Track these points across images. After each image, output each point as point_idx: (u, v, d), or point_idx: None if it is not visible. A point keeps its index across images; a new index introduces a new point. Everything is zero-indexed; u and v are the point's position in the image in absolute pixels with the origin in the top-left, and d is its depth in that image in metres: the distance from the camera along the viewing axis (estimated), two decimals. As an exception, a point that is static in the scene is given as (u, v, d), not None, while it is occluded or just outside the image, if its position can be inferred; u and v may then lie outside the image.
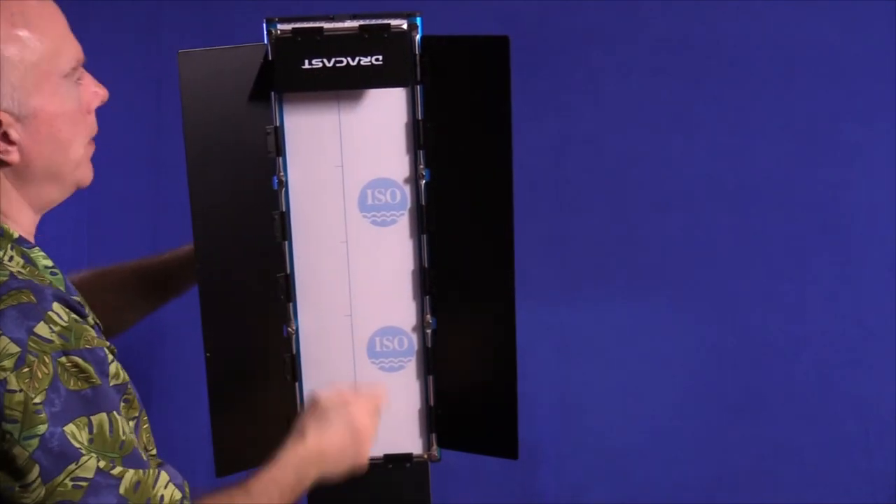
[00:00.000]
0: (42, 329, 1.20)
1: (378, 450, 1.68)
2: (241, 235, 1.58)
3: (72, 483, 1.19)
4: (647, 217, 2.63)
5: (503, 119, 1.51)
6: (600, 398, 2.66)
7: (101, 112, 1.42)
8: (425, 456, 1.69)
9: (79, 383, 1.21)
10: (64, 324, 1.22)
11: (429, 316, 1.64)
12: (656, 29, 2.60)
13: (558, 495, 2.68)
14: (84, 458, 1.20)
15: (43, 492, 1.19)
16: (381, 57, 1.52)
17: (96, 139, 1.40)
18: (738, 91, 2.61)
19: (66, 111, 1.31)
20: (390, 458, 1.68)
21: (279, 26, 1.53)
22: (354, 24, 1.53)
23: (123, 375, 1.30)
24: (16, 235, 1.30)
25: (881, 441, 2.62)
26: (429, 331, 1.64)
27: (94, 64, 1.51)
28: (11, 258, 1.27)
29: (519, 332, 1.60)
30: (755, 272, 2.63)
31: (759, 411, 2.64)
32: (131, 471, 1.24)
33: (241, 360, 1.61)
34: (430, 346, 1.65)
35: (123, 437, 1.24)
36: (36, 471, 1.18)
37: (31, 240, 1.35)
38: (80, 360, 1.22)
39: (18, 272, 1.25)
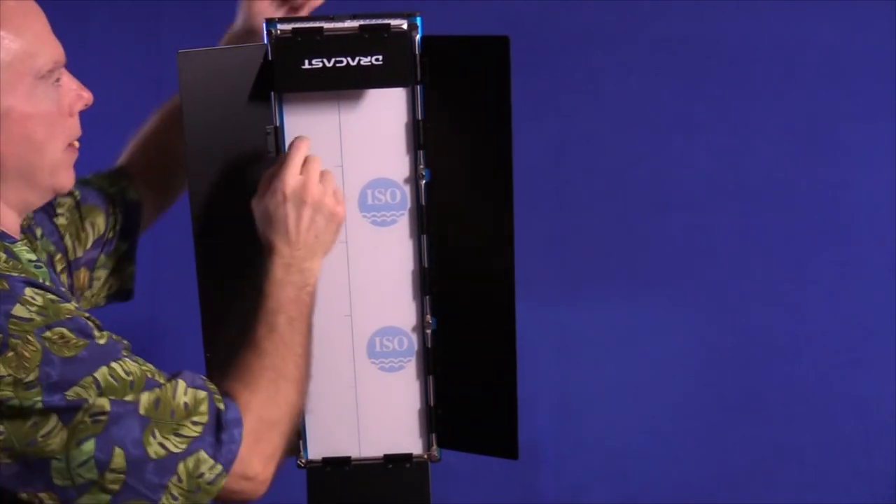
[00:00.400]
0: (20, 310, 1.20)
1: (378, 450, 1.68)
2: (242, 235, 1.57)
3: (91, 419, 1.21)
4: (647, 217, 2.64)
5: (503, 119, 1.51)
6: (600, 398, 2.67)
7: (101, 112, 1.41)
8: (425, 456, 1.69)
9: (70, 350, 1.21)
10: (40, 303, 1.22)
11: (429, 316, 1.64)
12: (656, 29, 2.60)
13: (558, 495, 2.68)
14: (93, 399, 1.21)
15: (66, 434, 1.20)
16: (381, 57, 1.52)
17: (99, 136, 1.39)
18: (738, 91, 2.61)
19: (40, 112, 1.29)
20: (390, 459, 1.68)
21: (279, 26, 1.53)
22: (354, 24, 1.53)
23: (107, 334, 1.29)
24: None
25: (881, 441, 2.62)
26: (429, 331, 1.64)
27: (95, 64, 1.52)
28: None
29: (519, 332, 1.60)
30: (755, 272, 2.63)
31: (759, 411, 2.65)
32: (146, 392, 1.24)
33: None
34: (430, 346, 1.65)
35: (131, 378, 1.24)
36: (54, 418, 1.20)
37: (17, 236, 1.34)
38: (64, 330, 1.22)
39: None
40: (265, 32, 1.54)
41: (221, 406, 1.30)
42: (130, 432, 1.23)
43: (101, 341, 1.25)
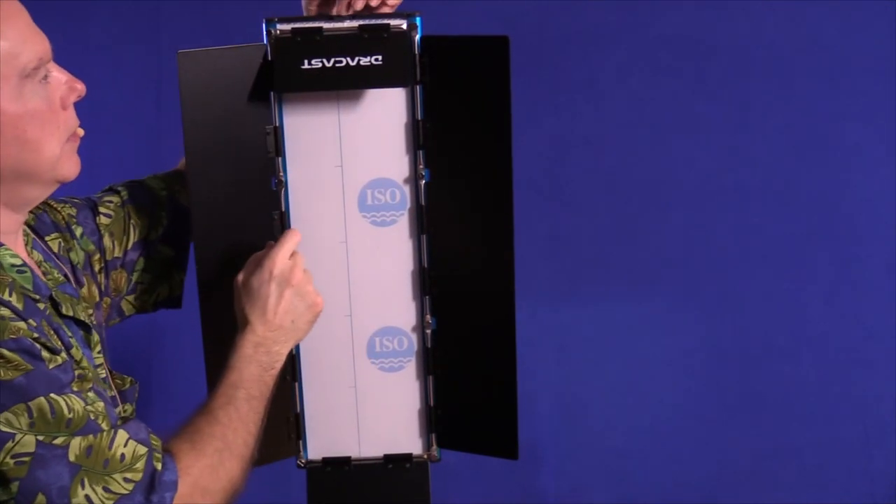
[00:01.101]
0: None
1: (378, 450, 1.68)
2: (241, 235, 1.57)
3: (13, 461, 1.17)
4: (647, 217, 2.64)
5: (503, 119, 1.51)
6: (600, 398, 2.67)
7: (101, 112, 1.41)
8: (425, 456, 1.69)
9: (9, 373, 1.18)
10: None
11: (429, 316, 1.64)
12: (656, 29, 2.60)
13: (558, 495, 2.68)
14: (20, 436, 1.17)
15: None
16: (380, 57, 1.52)
17: (99, 136, 1.38)
18: (738, 91, 2.61)
19: (30, 111, 1.27)
20: (390, 459, 1.68)
21: (279, 26, 1.53)
22: (354, 23, 1.53)
23: (67, 358, 1.26)
24: None
25: (881, 441, 2.62)
26: (428, 331, 1.64)
27: (95, 64, 1.52)
28: None
29: (519, 332, 1.60)
30: (755, 272, 2.63)
31: (759, 411, 2.65)
32: (78, 437, 1.20)
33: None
34: (429, 346, 1.65)
35: (70, 415, 1.21)
36: None
37: (12, 238, 1.33)
38: (5, 352, 1.19)
39: None
40: (264, 32, 1.53)
41: (159, 466, 1.27)
42: (58, 479, 1.19)
43: (50, 366, 1.21)
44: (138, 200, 1.59)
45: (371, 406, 1.66)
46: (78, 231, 1.49)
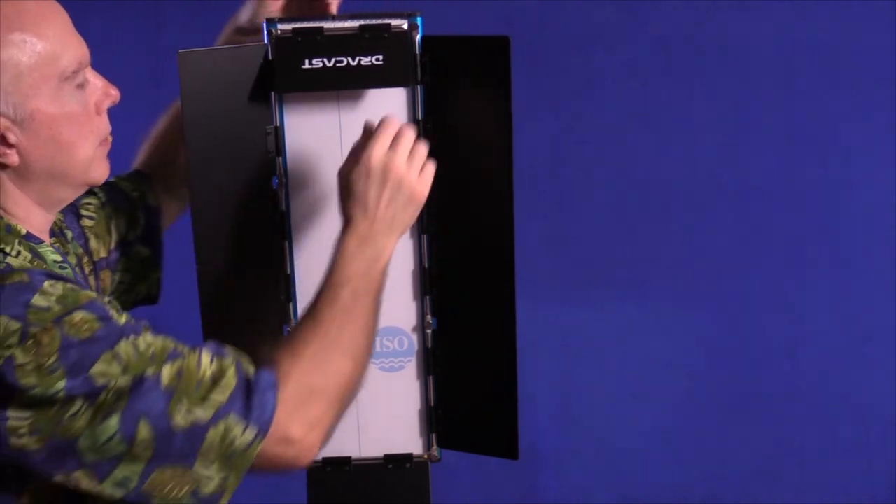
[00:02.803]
0: (38, 300, 1.21)
1: (378, 450, 1.68)
2: (242, 235, 1.57)
3: (113, 396, 1.22)
4: (648, 217, 2.64)
5: (504, 119, 1.51)
6: (601, 398, 2.67)
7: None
8: (425, 456, 1.68)
9: (88, 332, 1.22)
10: (59, 293, 1.23)
11: (429, 316, 1.64)
12: (656, 29, 2.61)
13: (558, 495, 2.68)
14: (114, 380, 1.22)
15: (91, 413, 1.21)
16: (381, 57, 1.51)
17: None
18: (737, 91, 2.61)
19: (66, 113, 1.30)
20: (390, 459, 1.67)
21: (279, 26, 1.53)
22: (355, 23, 1.53)
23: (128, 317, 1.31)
24: (23, 232, 1.31)
25: (881, 442, 2.62)
26: (429, 331, 1.64)
27: (94, 63, 1.51)
28: (19, 253, 1.28)
29: (519, 332, 1.60)
30: (755, 272, 2.63)
31: (759, 411, 2.65)
32: (168, 364, 1.25)
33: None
34: (430, 346, 1.65)
35: (152, 349, 1.25)
36: (80, 400, 1.21)
37: (45, 237, 1.36)
38: (83, 314, 1.22)
39: (21, 265, 1.26)
40: (265, 32, 1.53)
41: (250, 370, 1.30)
42: (155, 405, 1.23)
43: (121, 321, 1.25)
44: (115, 201, 1.61)
45: (371, 406, 1.66)
46: (69, 234, 1.51)
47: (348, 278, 1.40)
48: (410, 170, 1.44)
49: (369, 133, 1.45)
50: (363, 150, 1.43)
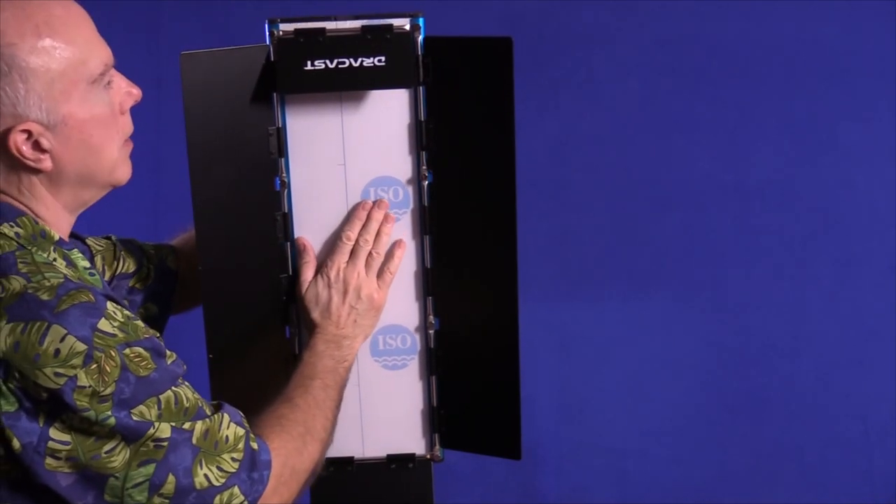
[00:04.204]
0: (105, 325, 1.23)
1: (381, 450, 1.68)
2: (244, 236, 1.57)
3: (154, 443, 1.25)
4: (648, 217, 2.64)
5: (506, 120, 1.51)
6: (601, 398, 2.67)
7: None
8: (428, 456, 1.69)
9: (145, 370, 1.25)
10: (121, 319, 1.25)
11: (431, 316, 1.64)
12: (656, 29, 2.61)
13: (559, 495, 2.68)
14: (157, 424, 1.26)
15: (128, 453, 1.24)
16: (383, 58, 1.51)
17: None
18: (737, 91, 2.61)
19: (95, 116, 1.31)
20: (393, 459, 1.68)
21: (281, 27, 1.52)
22: (357, 24, 1.53)
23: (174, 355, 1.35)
24: (56, 238, 1.32)
25: (881, 441, 2.63)
26: (431, 331, 1.64)
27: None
28: (55, 260, 1.29)
29: (520, 332, 1.60)
30: (755, 272, 2.63)
31: (759, 411, 2.65)
32: (199, 422, 1.29)
33: (245, 361, 1.61)
34: (432, 346, 1.65)
35: (187, 405, 1.29)
36: (118, 436, 1.23)
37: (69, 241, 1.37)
38: (141, 350, 1.25)
39: (67, 273, 1.27)
40: (267, 33, 1.53)
41: (255, 446, 1.35)
42: (183, 460, 1.27)
43: (169, 362, 1.29)
44: (127, 245, 1.65)
45: (375, 405, 1.66)
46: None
47: (318, 373, 1.52)
48: (369, 278, 1.58)
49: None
50: (324, 264, 1.58)
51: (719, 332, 2.64)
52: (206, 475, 1.29)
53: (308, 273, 1.59)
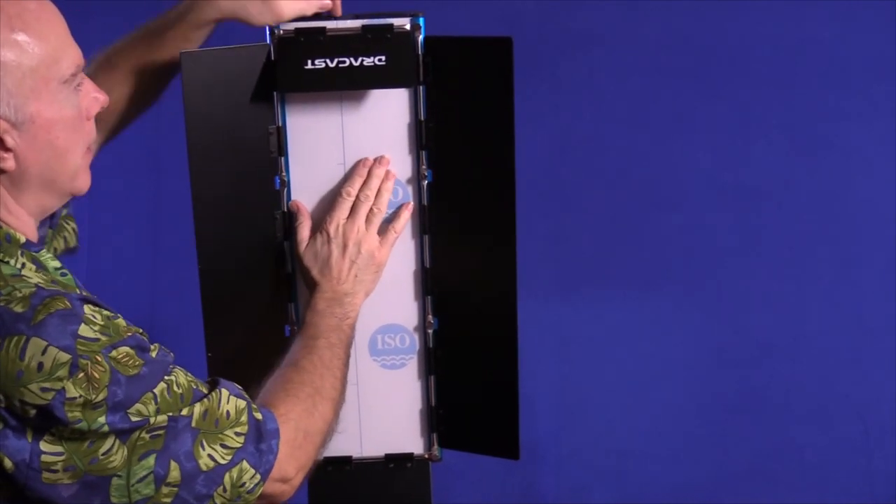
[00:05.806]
0: (85, 331, 1.19)
1: (379, 449, 1.68)
2: (244, 235, 1.57)
3: (149, 435, 1.23)
4: (647, 217, 2.64)
5: (506, 120, 1.51)
6: (600, 398, 2.67)
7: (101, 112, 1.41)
8: (426, 456, 1.69)
9: (133, 369, 1.22)
10: (101, 322, 1.22)
11: (430, 316, 1.64)
12: (656, 29, 2.61)
13: (558, 495, 2.68)
14: (152, 418, 1.24)
15: (126, 450, 1.22)
16: (383, 57, 1.51)
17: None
18: (737, 91, 2.61)
19: (64, 118, 1.27)
20: (391, 458, 1.68)
21: (282, 26, 1.53)
22: (357, 24, 1.53)
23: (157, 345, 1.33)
24: (23, 240, 1.28)
25: (881, 441, 2.63)
26: (430, 331, 1.64)
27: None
28: (24, 265, 1.26)
29: (519, 332, 1.60)
30: (755, 272, 2.63)
31: (759, 411, 2.65)
32: (196, 404, 1.27)
33: (243, 360, 1.61)
34: (431, 346, 1.65)
35: (181, 391, 1.27)
36: (112, 437, 1.21)
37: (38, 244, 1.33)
38: (127, 349, 1.23)
39: (38, 281, 1.24)
40: (268, 32, 1.53)
41: (259, 416, 1.33)
42: (184, 445, 1.25)
43: (154, 355, 1.27)
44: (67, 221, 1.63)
45: (373, 405, 1.66)
46: None
47: (321, 332, 1.51)
48: (370, 234, 1.56)
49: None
50: (324, 219, 1.56)
51: (719, 332, 2.64)
52: (210, 455, 1.27)
53: (305, 233, 1.57)
